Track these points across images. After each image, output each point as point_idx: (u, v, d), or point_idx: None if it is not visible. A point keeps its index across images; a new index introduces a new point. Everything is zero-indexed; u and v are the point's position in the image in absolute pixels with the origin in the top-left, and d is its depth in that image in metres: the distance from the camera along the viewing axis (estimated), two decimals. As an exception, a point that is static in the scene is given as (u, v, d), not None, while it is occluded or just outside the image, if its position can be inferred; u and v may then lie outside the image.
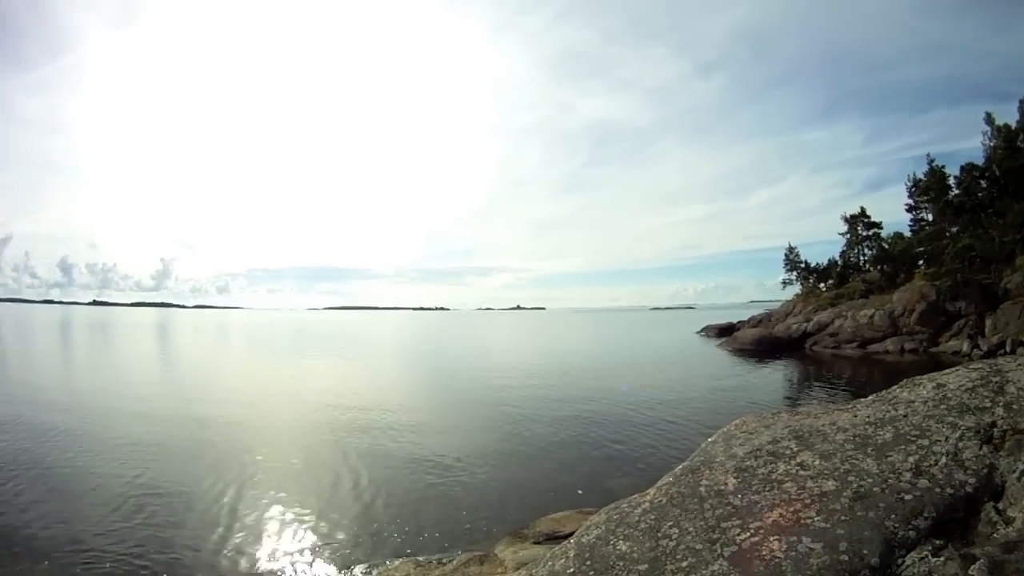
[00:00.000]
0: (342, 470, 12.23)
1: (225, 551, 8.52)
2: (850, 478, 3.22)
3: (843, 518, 2.93)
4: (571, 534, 7.59)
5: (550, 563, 3.54)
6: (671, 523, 3.35)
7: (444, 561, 7.55)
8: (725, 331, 55.58)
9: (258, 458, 13.15)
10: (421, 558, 7.85)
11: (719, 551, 3.01)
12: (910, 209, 50.17)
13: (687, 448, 13.28)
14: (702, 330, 62.73)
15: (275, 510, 9.98)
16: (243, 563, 8.18)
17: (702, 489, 3.56)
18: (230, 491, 10.93)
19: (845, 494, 3.09)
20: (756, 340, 43.81)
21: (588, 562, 3.31)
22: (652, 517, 3.49)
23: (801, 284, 59.35)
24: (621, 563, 3.19)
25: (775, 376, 29.59)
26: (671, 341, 57.05)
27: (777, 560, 2.80)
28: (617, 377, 26.96)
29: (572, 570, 3.33)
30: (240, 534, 9.06)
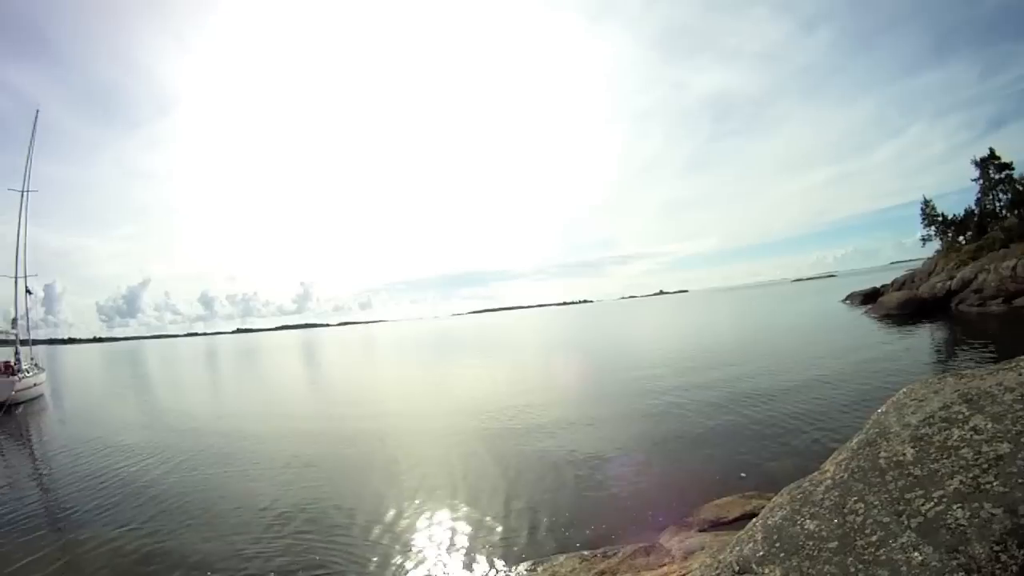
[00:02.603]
0: (498, 469, 12.64)
1: (387, 553, 8.93)
2: (1023, 439, 3.16)
3: (1020, 481, 2.89)
4: (736, 520, 7.71)
5: (738, 548, 3.66)
6: (856, 498, 3.38)
7: (609, 554, 7.61)
8: (870, 297, 53.33)
9: (413, 462, 13.93)
10: (586, 552, 7.92)
11: (906, 523, 3.04)
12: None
13: (845, 423, 12.96)
14: (846, 298, 60.12)
15: (434, 511, 10.43)
16: (408, 564, 8.55)
17: (882, 461, 3.54)
18: (388, 497, 11.51)
19: (1020, 456, 3.04)
20: (902, 303, 41.58)
21: (777, 543, 3.40)
22: (836, 493, 3.52)
23: (941, 239, 54.84)
24: (811, 542, 3.27)
25: (925, 340, 27.80)
26: (816, 312, 54.70)
27: (962, 528, 2.82)
28: (764, 355, 26.41)
29: (761, 553, 3.44)
30: (402, 536, 9.54)
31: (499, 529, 9.49)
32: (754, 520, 3.93)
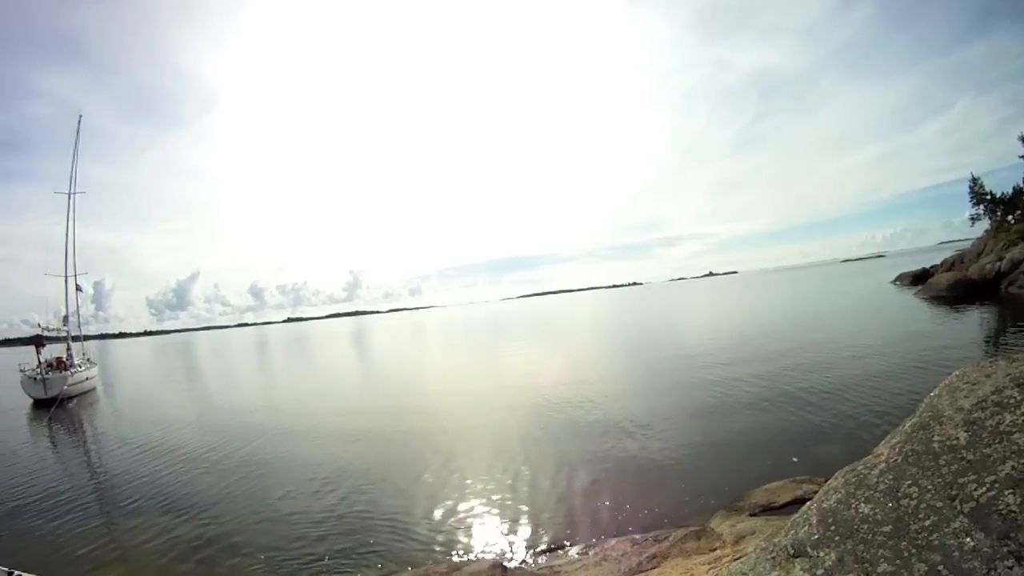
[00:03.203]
0: (550, 452, 12.92)
1: (440, 534, 9.27)
2: (1074, 424, 3.07)
3: (1072, 467, 2.82)
4: (787, 504, 7.74)
5: (792, 531, 3.73)
6: (909, 482, 3.41)
7: (660, 538, 7.71)
8: (919, 278, 52.10)
9: (467, 443, 14.39)
10: (637, 536, 8.06)
11: (958, 508, 3.05)
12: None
13: (896, 406, 12.83)
14: (896, 279, 58.99)
15: (487, 493, 10.73)
16: (460, 544, 8.85)
17: (935, 445, 3.54)
18: (442, 477, 11.96)
19: (1072, 442, 2.96)
20: (951, 285, 40.69)
21: (832, 527, 3.46)
22: (890, 477, 3.54)
23: (990, 218, 52.78)
24: (865, 526, 3.32)
25: (975, 322, 27.21)
26: (866, 294, 53.73)
27: (1013, 514, 2.82)
28: (814, 337, 26.22)
29: (816, 536, 3.51)
30: (456, 514, 9.89)
31: (551, 510, 9.71)
32: (809, 503, 3.97)
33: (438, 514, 10.01)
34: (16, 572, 8.11)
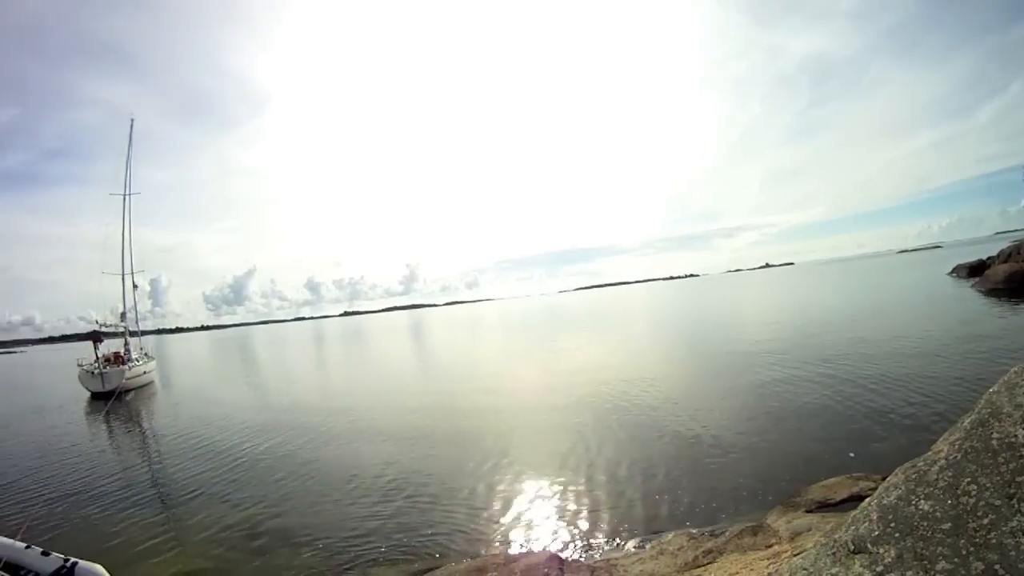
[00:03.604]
0: (607, 442, 13.11)
1: (497, 525, 9.48)
2: None
3: None
4: (843, 501, 7.74)
5: (853, 527, 3.77)
6: (968, 479, 3.38)
7: (717, 533, 7.76)
8: (976, 270, 50.49)
9: (524, 437, 14.59)
10: (694, 530, 8.15)
11: (1016, 506, 3.04)
12: None
13: (953, 402, 12.60)
14: (952, 271, 57.41)
15: (543, 486, 10.90)
16: (517, 536, 9.06)
17: (994, 442, 3.49)
18: (499, 467, 12.23)
19: None
20: (1008, 277, 39.44)
21: (892, 523, 3.50)
22: (950, 474, 3.51)
23: None
24: (925, 523, 3.35)
25: None
26: (922, 286, 52.36)
27: None
28: (870, 330, 25.74)
29: (877, 532, 3.55)
30: (512, 506, 10.12)
31: (608, 503, 9.83)
32: (869, 499, 3.97)
33: (495, 506, 10.25)
34: (74, 560, 8.60)
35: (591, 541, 8.60)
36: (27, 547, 9.19)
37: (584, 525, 9.13)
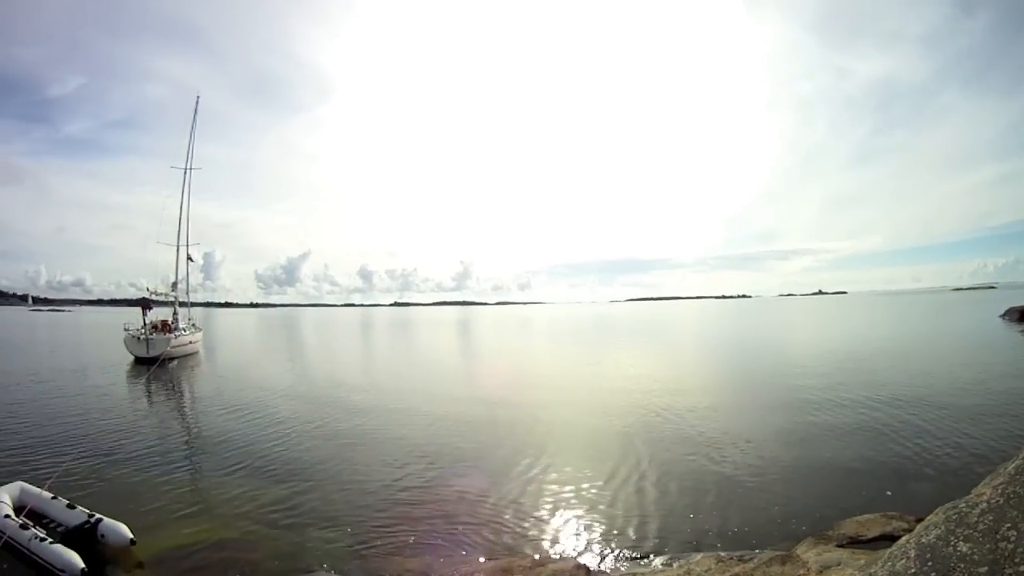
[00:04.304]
0: (641, 460, 12.96)
1: (525, 528, 9.46)
2: None
3: None
4: (876, 539, 7.68)
5: (889, 563, 3.85)
6: (1009, 525, 3.41)
7: (745, 558, 7.65)
8: None
9: (559, 443, 14.56)
10: (723, 554, 8.04)
11: None
12: None
13: (997, 448, 12.36)
14: (1004, 313, 55.81)
15: (575, 494, 10.90)
16: (544, 541, 9.05)
17: None
18: (532, 472, 12.21)
19: None
20: None
21: (929, 563, 3.54)
22: (990, 518, 3.53)
23: None
24: (962, 565, 3.38)
25: None
26: (973, 327, 50.82)
27: None
28: (917, 369, 25.15)
29: (913, 570, 3.60)
30: (540, 514, 10.07)
31: (638, 518, 9.82)
32: (907, 536, 4.03)
33: (525, 509, 10.26)
34: (99, 516, 8.73)
35: (618, 553, 8.59)
36: (53, 497, 9.51)
37: (612, 537, 9.14)
